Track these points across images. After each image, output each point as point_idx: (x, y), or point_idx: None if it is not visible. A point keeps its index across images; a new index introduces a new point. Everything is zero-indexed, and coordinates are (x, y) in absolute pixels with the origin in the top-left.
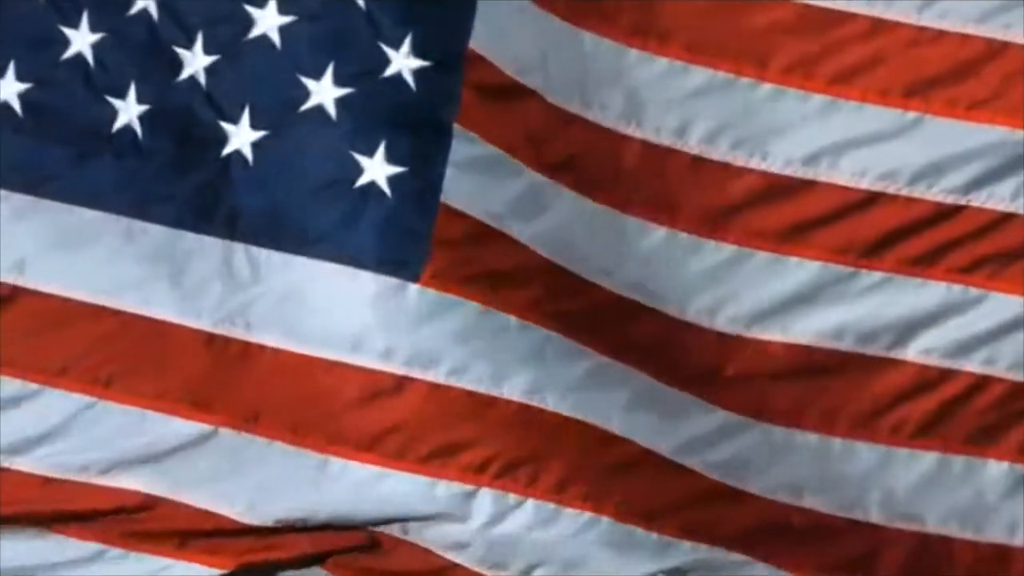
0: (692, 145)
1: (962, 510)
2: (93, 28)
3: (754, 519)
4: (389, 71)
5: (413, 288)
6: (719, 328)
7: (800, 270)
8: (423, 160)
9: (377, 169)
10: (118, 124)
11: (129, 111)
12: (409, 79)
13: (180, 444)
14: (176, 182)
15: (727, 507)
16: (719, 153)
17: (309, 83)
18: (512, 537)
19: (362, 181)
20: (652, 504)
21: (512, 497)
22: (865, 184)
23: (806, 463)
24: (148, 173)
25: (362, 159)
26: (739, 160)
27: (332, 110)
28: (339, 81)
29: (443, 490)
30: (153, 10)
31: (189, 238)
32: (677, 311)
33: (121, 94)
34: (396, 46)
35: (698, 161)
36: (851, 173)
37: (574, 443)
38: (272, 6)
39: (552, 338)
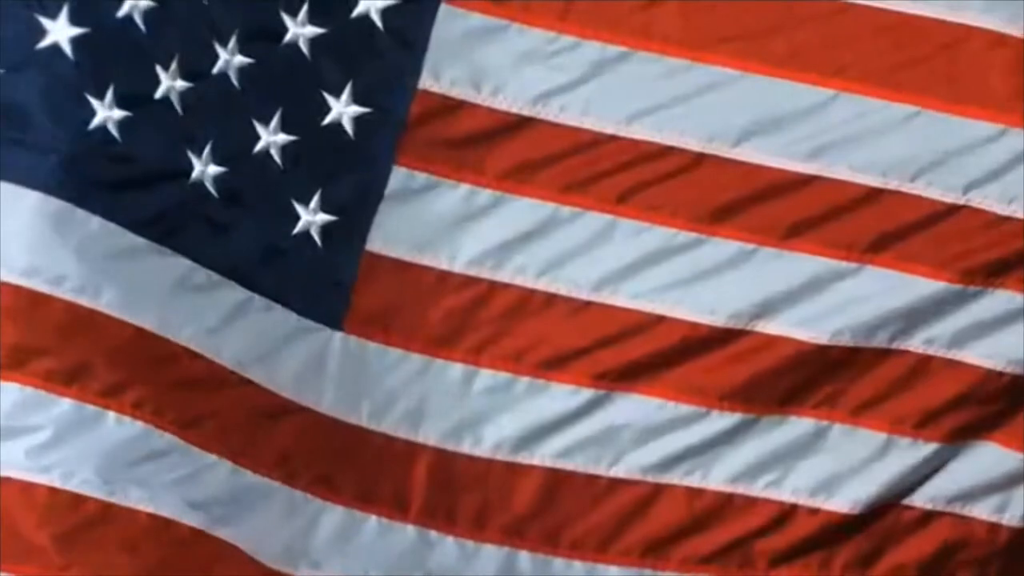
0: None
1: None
2: (73, 21)
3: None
4: (329, 119)
5: (337, 336)
6: (721, 324)
7: (803, 264)
8: (356, 208)
9: (311, 217)
10: (95, 122)
11: (105, 112)
12: (348, 127)
13: None
14: (143, 191)
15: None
16: (723, 151)
17: (260, 128)
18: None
19: (298, 229)
20: None
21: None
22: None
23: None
24: (115, 178)
25: (300, 208)
26: (742, 156)
27: (278, 157)
28: (286, 128)
29: None
30: (139, 19)
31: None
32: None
33: (99, 94)
34: (337, 94)
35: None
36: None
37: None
38: (232, 46)
39: (478, 373)
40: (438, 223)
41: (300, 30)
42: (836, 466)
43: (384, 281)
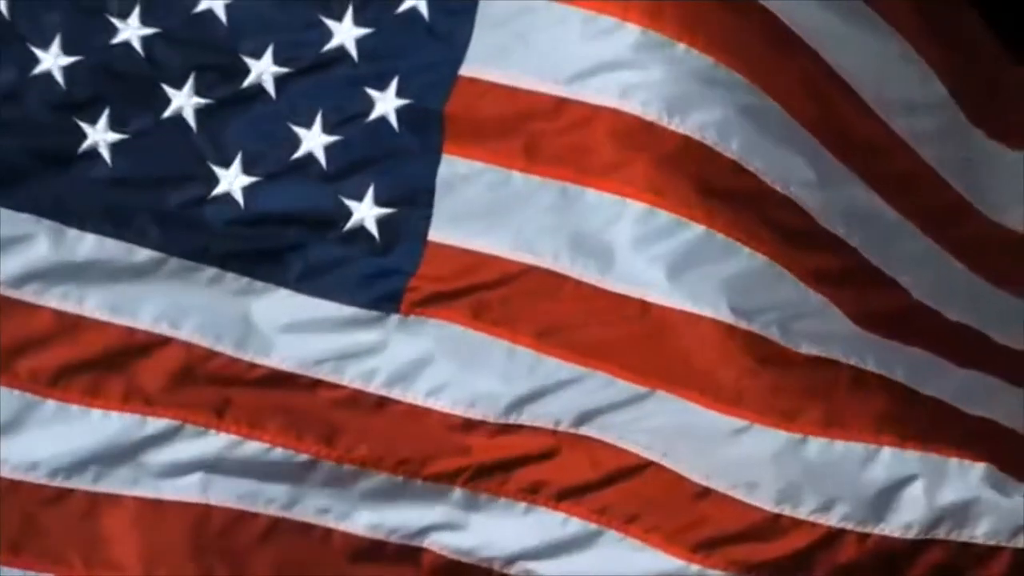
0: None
1: None
2: (66, 51)
3: None
4: (374, 114)
5: (394, 317)
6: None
7: None
8: (411, 198)
9: (366, 212)
10: (84, 146)
11: (98, 136)
12: (393, 120)
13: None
14: (151, 212)
15: None
16: None
17: (300, 132)
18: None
19: (351, 225)
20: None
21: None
22: None
23: None
24: (115, 197)
25: (351, 203)
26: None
27: (322, 157)
28: (328, 129)
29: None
30: (137, 45)
31: (173, 262)
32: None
33: (92, 119)
34: (382, 89)
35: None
36: None
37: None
38: (268, 57)
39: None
40: (491, 208)
41: (348, 33)
42: (884, 491)
43: (445, 266)
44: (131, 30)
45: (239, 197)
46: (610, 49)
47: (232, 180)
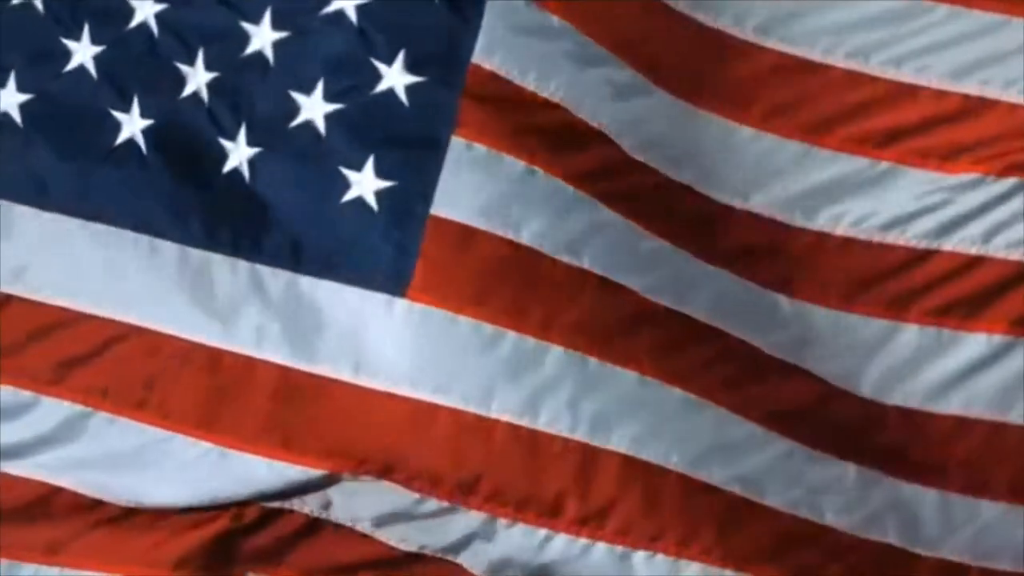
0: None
1: None
2: (94, 40)
3: None
4: (381, 87)
5: (401, 303)
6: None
7: None
8: (414, 173)
9: (366, 184)
10: (121, 138)
11: (133, 125)
12: (402, 95)
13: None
14: (183, 199)
15: None
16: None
17: (300, 99)
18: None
19: (349, 196)
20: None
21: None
22: (839, 231)
23: None
24: (154, 189)
25: (350, 173)
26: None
27: (321, 126)
28: (329, 97)
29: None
30: (153, 25)
31: (198, 255)
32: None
33: (125, 108)
34: (389, 62)
35: None
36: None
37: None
38: (267, 22)
39: (551, 349)
40: (501, 194)
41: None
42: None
43: (452, 246)
44: (147, 6)
45: (246, 172)
46: None
47: (240, 155)
